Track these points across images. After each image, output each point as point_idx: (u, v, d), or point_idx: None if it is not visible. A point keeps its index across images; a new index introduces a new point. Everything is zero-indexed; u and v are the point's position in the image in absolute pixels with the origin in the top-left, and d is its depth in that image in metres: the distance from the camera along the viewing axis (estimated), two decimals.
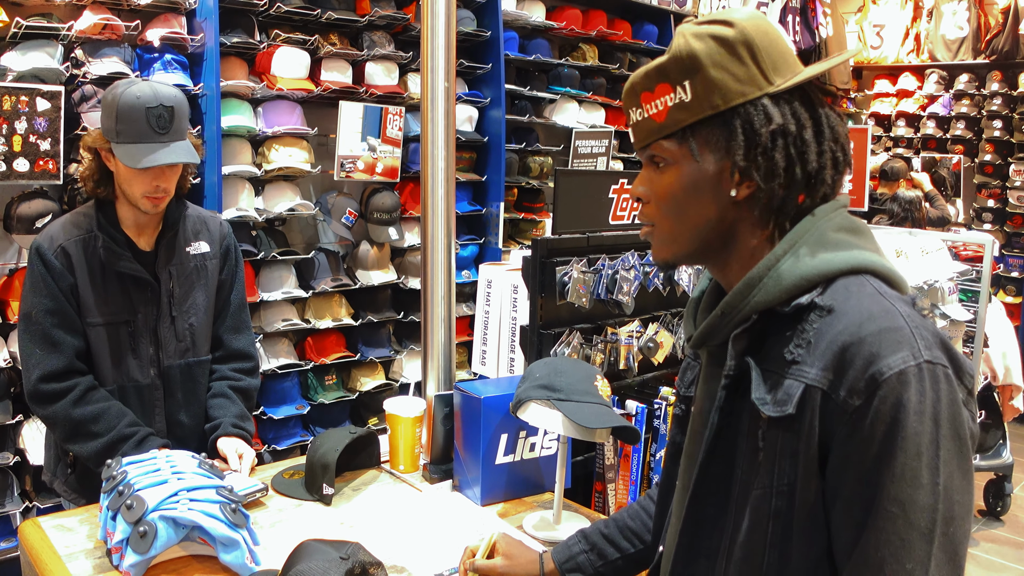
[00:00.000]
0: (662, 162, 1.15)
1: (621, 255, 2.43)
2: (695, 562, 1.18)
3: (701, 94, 1.09)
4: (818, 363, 1.02)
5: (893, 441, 0.96)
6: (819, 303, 1.05)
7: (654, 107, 1.14)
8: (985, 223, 7.55)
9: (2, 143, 3.15)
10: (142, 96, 2.09)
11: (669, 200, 1.15)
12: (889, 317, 1.01)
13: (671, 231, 1.17)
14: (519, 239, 5.23)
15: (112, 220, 2.23)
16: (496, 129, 4.80)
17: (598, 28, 5.29)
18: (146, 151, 2.09)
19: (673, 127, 1.12)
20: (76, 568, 1.74)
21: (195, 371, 2.37)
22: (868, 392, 0.97)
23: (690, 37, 1.10)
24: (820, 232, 1.10)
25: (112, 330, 2.22)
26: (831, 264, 1.07)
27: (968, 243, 4.69)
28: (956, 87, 7.85)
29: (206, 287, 2.37)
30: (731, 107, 1.09)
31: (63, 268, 2.17)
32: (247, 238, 3.96)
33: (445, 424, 2.23)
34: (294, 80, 3.98)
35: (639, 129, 1.17)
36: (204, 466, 1.86)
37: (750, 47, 1.09)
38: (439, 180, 2.28)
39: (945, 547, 0.96)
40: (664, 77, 1.12)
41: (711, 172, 1.12)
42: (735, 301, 1.11)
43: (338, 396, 4.31)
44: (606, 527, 1.62)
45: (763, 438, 1.07)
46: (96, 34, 3.46)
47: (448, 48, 2.25)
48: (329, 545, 1.45)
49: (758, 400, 1.06)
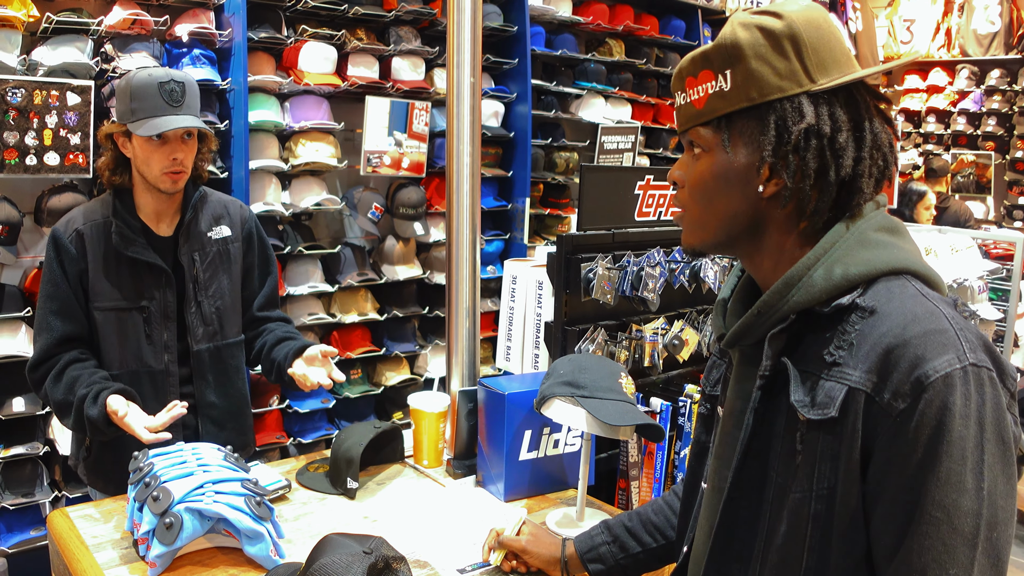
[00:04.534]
0: (698, 148, 1.16)
1: (647, 252, 2.41)
2: (728, 564, 1.17)
3: (740, 84, 1.08)
4: (861, 365, 1.00)
5: (938, 445, 0.94)
6: (861, 304, 1.04)
7: (696, 93, 1.14)
8: (1016, 220, 7.44)
9: (33, 137, 3.18)
10: (154, 74, 2.14)
11: (699, 187, 1.16)
12: (933, 319, 0.99)
13: (699, 218, 1.17)
14: (544, 235, 5.22)
15: (129, 207, 2.26)
16: (522, 124, 4.79)
17: (625, 23, 5.26)
18: (161, 120, 2.12)
19: (710, 115, 1.12)
20: (103, 558, 1.76)
21: (224, 354, 2.39)
22: (913, 395, 0.96)
23: (737, 26, 1.10)
24: (860, 232, 1.08)
25: (123, 315, 2.24)
26: (872, 265, 1.05)
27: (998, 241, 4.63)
28: (987, 83, 7.74)
29: (230, 271, 2.40)
30: (767, 101, 1.07)
31: (76, 253, 2.20)
32: (274, 232, 3.99)
33: (469, 420, 2.23)
34: (321, 75, 3.99)
35: (681, 113, 1.17)
36: (230, 459, 1.87)
37: (795, 41, 1.07)
38: (464, 175, 2.28)
39: (988, 552, 0.95)
40: (707, 64, 1.12)
41: (742, 165, 1.11)
42: (772, 300, 1.10)
43: (363, 390, 4.33)
44: (629, 520, 1.62)
45: (801, 440, 1.05)
46: (125, 29, 3.49)
47: (474, 43, 2.25)
48: (352, 539, 1.46)
49: (797, 402, 1.05)
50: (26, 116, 3.16)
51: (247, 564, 1.73)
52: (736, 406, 1.20)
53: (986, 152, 7.25)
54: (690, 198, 1.18)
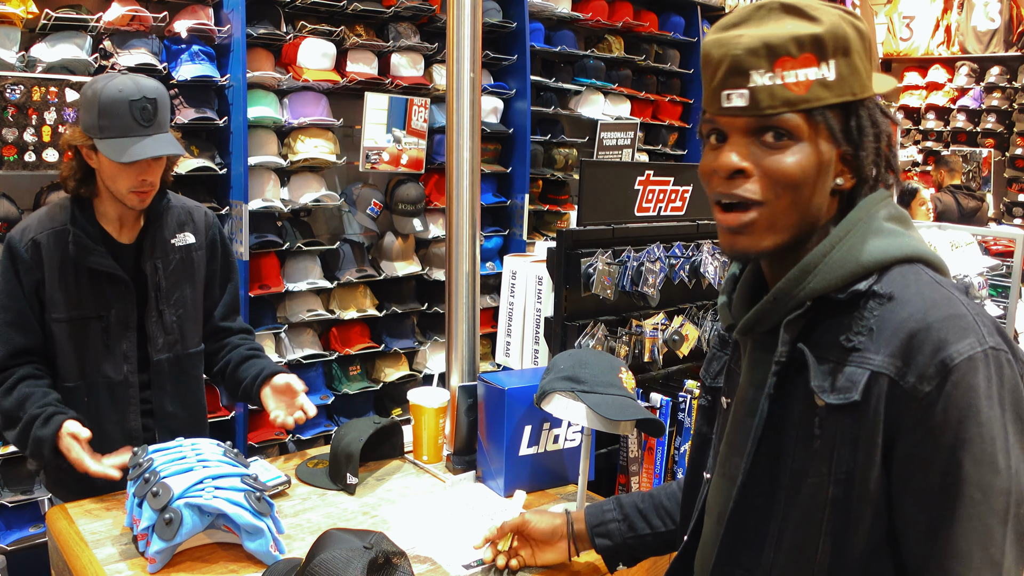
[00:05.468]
0: (785, 136, 1.07)
1: (646, 247, 2.41)
2: (740, 551, 1.17)
3: (845, 77, 1.07)
4: (884, 350, 1.02)
5: (969, 427, 0.97)
6: (878, 291, 1.06)
7: (794, 76, 1.05)
8: (1016, 217, 7.45)
9: (32, 133, 3.18)
10: (124, 89, 2.02)
11: (786, 179, 1.07)
12: (952, 305, 1.02)
13: (782, 214, 1.09)
14: (543, 231, 5.22)
15: (88, 214, 2.16)
16: (521, 121, 4.79)
17: (624, 19, 5.26)
18: (131, 144, 2.02)
19: (815, 103, 1.06)
20: (102, 554, 1.75)
21: (184, 363, 2.33)
22: (939, 377, 0.98)
23: (837, 17, 1.07)
24: (873, 221, 1.11)
25: (80, 325, 2.16)
26: (886, 252, 1.08)
27: (998, 237, 4.63)
28: (987, 80, 7.74)
29: (193, 279, 2.33)
30: (860, 99, 1.09)
31: (32, 262, 2.11)
32: (273, 228, 3.98)
33: (469, 415, 2.23)
34: (320, 71, 3.99)
35: (767, 95, 1.05)
36: (229, 454, 1.87)
37: (870, 48, 1.10)
38: (464, 171, 2.28)
39: (1016, 528, 0.99)
40: (816, 48, 1.05)
41: (827, 157, 1.09)
42: (788, 287, 1.10)
43: (362, 386, 4.33)
44: (642, 501, 1.62)
45: (820, 425, 1.06)
46: (124, 25, 3.48)
47: (474, 39, 2.24)
48: (353, 534, 1.45)
49: (817, 387, 1.06)
50: (25, 113, 3.16)
51: (247, 560, 1.73)
52: (748, 394, 1.21)
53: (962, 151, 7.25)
54: (768, 192, 1.08)
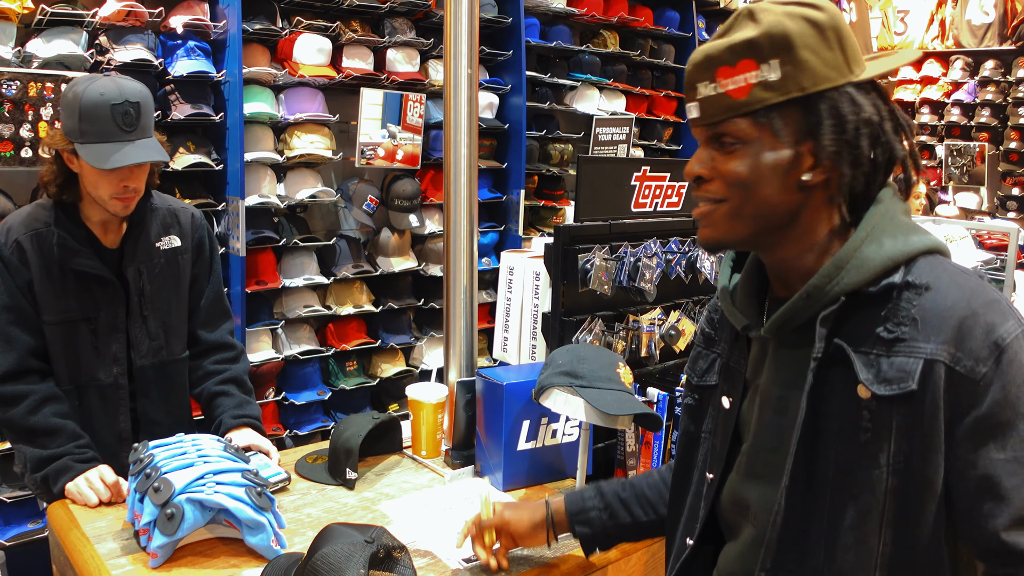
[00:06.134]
0: (735, 141, 1.12)
1: (643, 242, 2.42)
2: (789, 552, 1.15)
3: (790, 74, 1.07)
4: (934, 337, 1.04)
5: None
6: (914, 282, 1.08)
7: (733, 83, 1.09)
8: (1010, 211, 7.47)
9: (28, 129, 3.17)
10: (106, 93, 1.97)
11: (738, 180, 1.12)
12: (987, 291, 1.07)
13: (737, 211, 1.14)
14: (539, 227, 5.22)
15: (72, 215, 2.13)
16: (517, 116, 4.79)
17: (619, 15, 5.26)
18: (113, 150, 1.97)
19: (755, 105, 1.09)
20: (104, 549, 1.76)
21: (170, 370, 2.30)
22: (995, 357, 1.02)
23: (781, 15, 1.08)
24: (893, 215, 1.13)
25: (70, 327, 2.13)
26: (912, 245, 1.10)
27: (993, 231, 4.65)
28: (981, 74, 7.75)
29: (178, 283, 2.29)
30: (818, 91, 1.08)
31: (18, 263, 2.08)
32: (269, 224, 3.99)
33: (467, 410, 2.24)
34: (316, 67, 3.99)
35: (711, 104, 1.11)
36: (230, 449, 1.88)
37: (838, 33, 1.09)
38: (462, 167, 2.28)
39: None
40: (751, 52, 1.08)
41: (787, 155, 1.10)
42: (822, 283, 1.11)
43: (359, 382, 4.33)
44: (623, 490, 1.61)
45: (869, 419, 1.07)
46: (120, 21, 3.48)
47: (471, 34, 2.25)
48: (354, 529, 1.46)
49: (867, 381, 1.07)
50: (21, 108, 3.15)
51: (248, 554, 1.74)
52: (773, 393, 1.21)
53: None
54: (727, 191, 1.13)
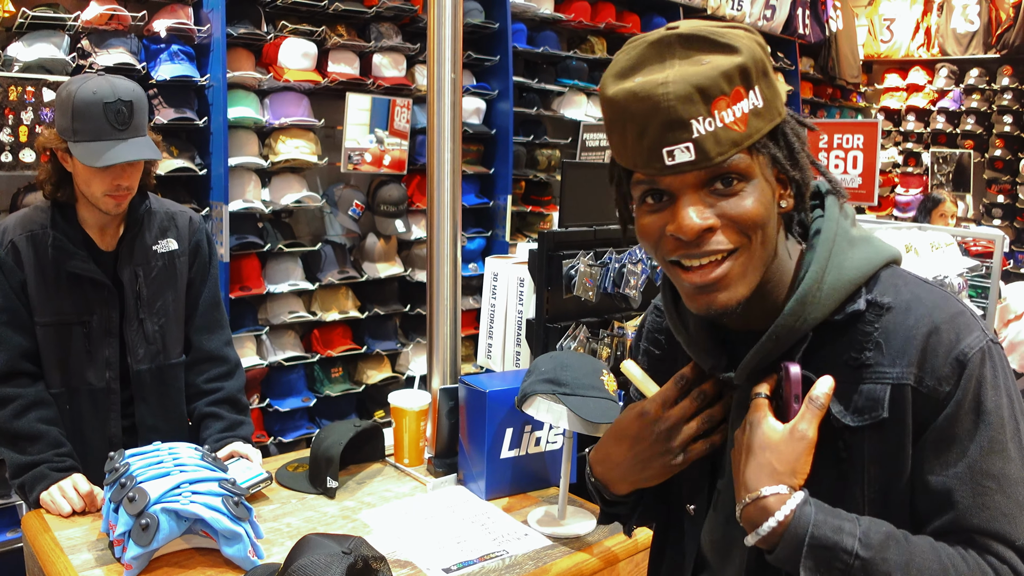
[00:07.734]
0: (736, 179, 0.99)
1: (628, 249, 2.41)
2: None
3: (770, 99, 0.99)
4: (899, 360, 1.01)
5: (981, 416, 0.99)
6: (875, 300, 1.04)
7: (731, 114, 0.96)
8: (995, 219, 7.51)
9: (8, 134, 3.14)
10: (99, 91, 1.97)
11: (755, 221, 1.00)
12: (949, 302, 1.03)
13: (752, 258, 1.02)
14: (526, 232, 5.21)
15: (69, 217, 2.12)
16: (504, 122, 4.78)
17: (607, 20, 5.26)
18: (105, 148, 1.97)
19: (755, 136, 0.98)
20: (78, 560, 1.73)
21: (167, 375, 2.27)
22: (956, 375, 0.99)
23: (748, 39, 0.99)
24: (845, 233, 1.08)
25: (63, 330, 2.12)
26: (870, 263, 1.06)
27: (978, 238, 4.66)
28: (967, 82, 7.79)
29: (175, 287, 2.27)
30: (784, 116, 1.03)
31: (13, 264, 2.07)
32: (254, 230, 3.96)
33: (450, 418, 2.22)
34: (301, 71, 3.97)
35: (714, 142, 0.96)
36: (207, 458, 1.85)
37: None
38: (445, 172, 2.27)
39: None
40: (743, 79, 0.96)
41: (772, 185, 1.03)
42: (790, 322, 1.04)
43: (344, 389, 4.31)
44: None
45: (846, 448, 1.04)
46: (103, 24, 3.45)
47: (455, 39, 2.23)
48: (332, 539, 1.44)
49: (839, 413, 1.04)
50: (1, 112, 3.12)
51: (225, 565, 1.71)
52: None
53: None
54: (740, 238, 1.00)
